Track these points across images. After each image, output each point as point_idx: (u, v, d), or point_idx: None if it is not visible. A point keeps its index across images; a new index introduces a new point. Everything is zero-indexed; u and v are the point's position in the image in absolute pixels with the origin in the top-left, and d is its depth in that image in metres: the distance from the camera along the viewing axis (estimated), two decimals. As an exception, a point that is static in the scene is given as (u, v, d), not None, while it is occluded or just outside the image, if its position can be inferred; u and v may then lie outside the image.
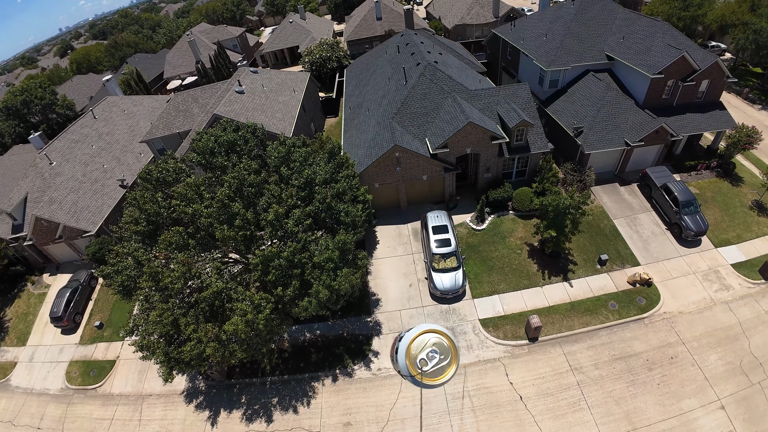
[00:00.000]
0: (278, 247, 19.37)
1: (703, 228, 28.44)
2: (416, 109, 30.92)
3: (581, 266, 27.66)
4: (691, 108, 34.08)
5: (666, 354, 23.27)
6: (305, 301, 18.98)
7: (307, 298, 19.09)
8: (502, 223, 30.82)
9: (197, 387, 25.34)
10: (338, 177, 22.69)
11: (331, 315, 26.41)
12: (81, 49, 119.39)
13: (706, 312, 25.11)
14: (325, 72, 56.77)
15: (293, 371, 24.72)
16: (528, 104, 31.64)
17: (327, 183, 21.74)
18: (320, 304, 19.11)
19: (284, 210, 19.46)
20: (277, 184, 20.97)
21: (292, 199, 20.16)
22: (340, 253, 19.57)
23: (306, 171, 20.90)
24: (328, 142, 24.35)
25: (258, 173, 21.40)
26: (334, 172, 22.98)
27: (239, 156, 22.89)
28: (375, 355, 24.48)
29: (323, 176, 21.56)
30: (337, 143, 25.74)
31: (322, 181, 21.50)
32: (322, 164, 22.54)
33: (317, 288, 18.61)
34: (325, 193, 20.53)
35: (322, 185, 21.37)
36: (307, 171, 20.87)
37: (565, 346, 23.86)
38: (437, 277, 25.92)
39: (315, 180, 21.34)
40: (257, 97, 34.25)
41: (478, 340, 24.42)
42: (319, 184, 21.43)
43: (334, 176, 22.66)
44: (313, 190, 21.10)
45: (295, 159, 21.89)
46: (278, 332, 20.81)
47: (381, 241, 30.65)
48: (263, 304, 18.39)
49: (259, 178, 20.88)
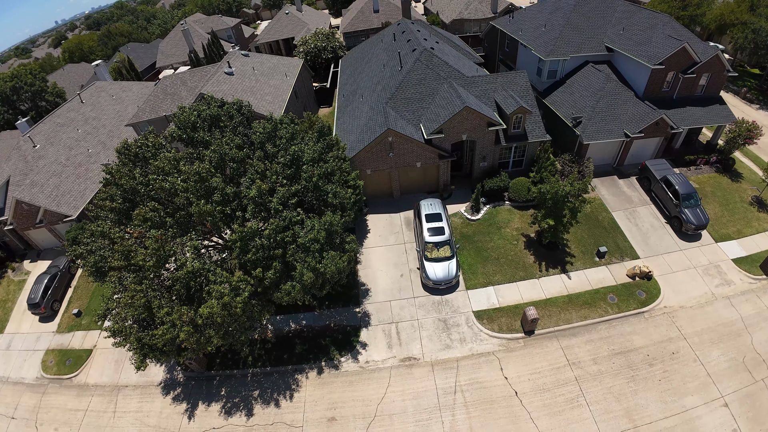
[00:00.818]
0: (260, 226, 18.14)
1: (704, 221, 27.77)
2: (411, 94, 29.85)
3: (579, 258, 26.67)
4: (691, 102, 33.64)
5: (667, 349, 22.39)
6: (288, 285, 17.79)
7: (291, 282, 17.89)
8: (498, 213, 29.76)
9: (175, 378, 24.13)
10: (327, 157, 21.49)
11: (317, 305, 25.28)
12: (74, 38, 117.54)
13: (707, 307, 24.38)
14: (320, 62, 55.69)
15: (276, 363, 23.50)
16: (526, 92, 30.69)
17: (315, 162, 20.56)
18: (304, 289, 17.92)
19: (268, 186, 18.25)
20: (261, 161, 19.77)
21: (276, 176, 18.97)
22: (327, 234, 18.39)
23: (293, 147, 19.68)
24: (317, 121, 23.12)
25: (241, 148, 20.16)
26: (323, 152, 21.77)
27: (222, 131, 21.69)
28: (363, 347, 23.28)
29: (311, 155, 20.38)
30: (327, 123, 24.57)
31: (309, 159, 20.32)
32: (310, 143, 21.35)
33: (301, 270, 17.44)
34: (312, 171, 19.35)
35: (310, 164, 20.18)
36: (294, 147, 19.67)
37: (563, 339, 22.82)
38: (430, 267, 24.79)
39: (302, 158, 20.13)
40: (247, 79, 33.03)
41: (471, 333, 23.29)
42: (307, 163, 20.24)
43: (323, 156, 21.48)
44: (300, 168, 19.90)
45: (282, 136, 20.70)
46: (259, 319, 19.59)
47: (372, 230, 29.46)
48: (241, 287, 17.20)
49: (241, 153, 19.65)
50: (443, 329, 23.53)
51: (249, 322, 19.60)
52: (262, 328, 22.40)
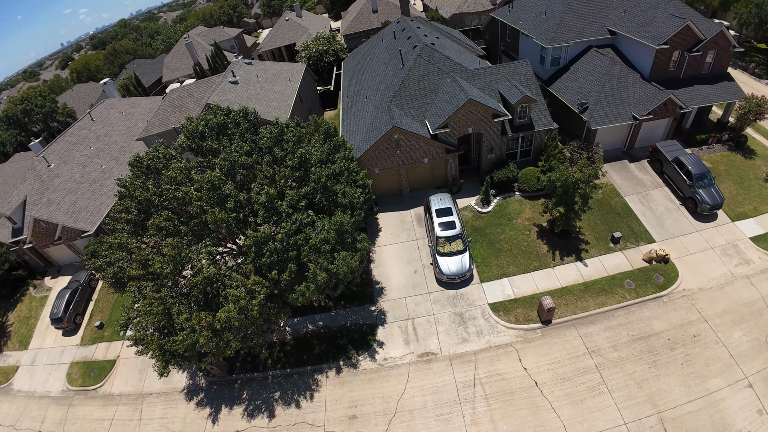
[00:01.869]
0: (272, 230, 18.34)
1: (719, 201, 27.34)
2: (414, 91, 29.87)
3: (593, 245, 26.43)
4: (699, 80, 33.15)
5: (688, 332, 22.06)
6: (303, 286, 17.97)
7: (305, 282, 18.06)
8: (509, 204, 29.63)
9: (197, 384, 24.52)
10: (334, 158, 21.63)
11: (333, 305, 25.45)
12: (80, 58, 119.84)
13: (727, 287, 23.98)
14: (323, 66, 55.91)
15: (296, 364, 23.73)
16: (530, 81, 30.51)
17: (322, 163, 20.72)
18: (318, 289, 18.07)
19: (276, 191, 18.45)
20: (270, 166, 19.98)
21: (285, 180, 19.15)
22: (337, 234, 18.51)
23: (300, 150, 19.85)
24: (323, 123, 23.28)
25: (249, 155, 20.40)
26: (330, 153, 21.93)
27: (230, 139, 21.97)
28: (380, 345, 23.37)
29: (318, 156, 20.54)
30: (332, 125, 24.73)
31: (317, 161, 20.49)
32: (317, 145, 21.52)
33: (314, 270, 17.58)
34: (320, 173, 19.49)
35: (318, 165, 20.34)
36: (301, 150, 19.84)
37: (581, 328, 22.64)
38: (443, 262, 24.80)
39: (310, 160, 20.30)
40: (252, 87, 33.36)
41: (488, 325, 23.25)
42: (314, 165, 20.40)
43: (330, 157, 21.62)
44: (308, 170, 20.06)
45: (288, 139, 20.89)
46: (275, 321, 19.82)
47: (383, 229, 29.55)
48: (257, 290, 17.41)
49: (250, 160, 19.89)
50: (459, 323, 23.52)
51: (266, 324, 19.86)
52: (279, 330, 22.60)
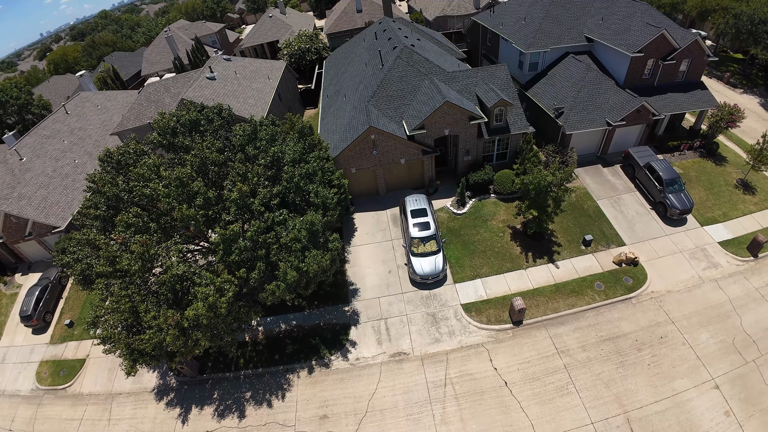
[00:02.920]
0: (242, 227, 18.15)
1: (688, 206, 27.91)
2: (393, 91, 29.93)
3: (565, 247, 26.83)
4: (673, 88, 33.75)
5: (655, 334, 22.50)
6: (273, 285, 17.81)
7: (275, 281, 17.92)
8: (484, 206, 29.91)
9: (168, 383, 24.08)
10: (308, 157, 21.51)
11: (307, 305, 25.30)
12: (58, 49, 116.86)
13: (695, 290, 24.48)
14: (305, 64, 55.59)
15: (268, 364, 23.52)
16: (507, 84, 30.83)
17: (296, 163, 20.58)
18: (289, 288, 17.94)
19: (249, 188, 18.27)
20: (243, 163, 19.76)
21: (258, 177, 18.97)
22: (309, 234, 18.42)
23: (273, 149, 19.68)
24: (299, 122, 23.13)
25: (221, 152, 20.15)
26: (304, 152, 21.79)
27: (203, 136, 21.68)
28: (352, 344, 23.33)
29: (292, 155, 20.39)
30: (308, 123, 24.60)
31: (290, 160, 20.33)
32: (291, 144, 21.37)
33: (284, 269, 17.46)
34: (293, 172, 19.35)
35: (291, 165, 20.20)
36: (274, 149, 19.66)
37: (551, 328, 22.96)
38: (416, 262, 24.88)
39: (283, 159, 20.14)
40: (229, 83, 32.96)
41: (460, 326, 23.40)
42: (288, 164, 20.25)
43: (304, 156, 21.49)
44: (281, 169, 19.90)
45: (262, 137, 20.70)
46: (246, 320, 19.59)
47: (359, 228, 29.53)
48: (226, 287, 17.20)
49: (222, 157, 19.64)
50: (432, 323, 23.63)
51: (236, 323, 19.63)
52: (251, 329, 22.36)
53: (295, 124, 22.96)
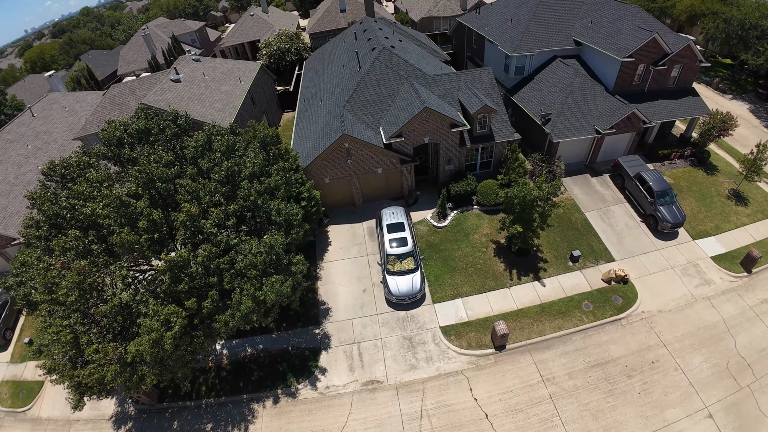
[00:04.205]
0: (192, 252, 16.17)
1: (680, 219, 26.72)
2: (370, 96, 28.13)
3: (552, 264, 25.25)
4: (663, 94, 32.69)
5: (646, 358, 21.11)
6: (227, 314, 15.90)
7: (230, 310, 16.01)
8: (466, 219, 28.18)
9: (126, 412, 22.10)
10: (270, 170, 19.52)
11: (275, 327, 23.43)
12: (36, 48, 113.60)
13: (687, 310, 23.23)
14: (284, 65, 53.61)
15: (231, 392, 21.57)
16: (491, 90, 29.21)
17: (256, 177, 18.63)
18: (245, 318, 16.04)
19: (199, 210, 16.29)
20: (194, 179, 17.77)
21: (211, 195, 17.01)
22: (269, 257, 16.52)
23: (225, 163, 17.69)
24: (261, 130, 21.17)
25: (171, 166, 18.13)
26: (266, 165, 19.80)
27: (153, 147, 19.64)
28: (322, 371, 21.45)
29: (251, 169, 18.43)
30: (273, 131, 22.67)
31: (249, 174, 18.38)
32: (251, 155, 19.39)
33: (237, 299, 15.57)
34: (249, 188, 17.38)
35: (249, 180, 18.22)
36: (227, 163, 17.67)
37: (536, 353, 21.32)
38: (392, 281, 23.07)
39: (240, 173, 18.17)
40: (196, 86, 30.85)
41: (438, 351, 21.64)
42: (247, 179, 18.29)
43: (266, 169, 19.53)
44: (237, 185, 17.93)
45: (216, 149, 18.73)
46: (202, 351, 17.65)
47: (333, 243, 27.61)
48: (173, 319, 15.26)
49: (172, 172, 17.62)
50: (408, 348, 21.84)
51: (191, 355, 17.70)
52: (207, 359, 20.35)
53: (258, 133, 21.00)
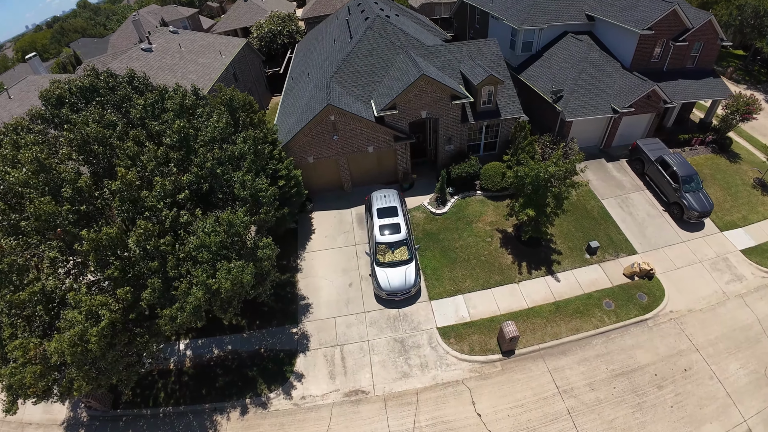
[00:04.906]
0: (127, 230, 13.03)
1: (708, 208, 23.86)
2: (360, 66, 25.00)
3: (566, 256, 22.13)
4: (684, 74, 29.99)
5: (678, 366, 18.11)
6: (174, 308, 12.79)
7: (177, 303, 12.89)
8: (468, 205, 24.97)
9: (79, 417, 19.02)
10: (236, 138, 16.30)
11: (246, 325, 20.31)
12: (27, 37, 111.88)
13: (719, 309, 20.36)
14: (276, 48, 50.63)
15: (193, 400, 18.39)
16: (497, 62, 26.12)
17: (217, 143, 15.49)
18: (195, 313, 12.92)
19: (137, 177, 13.18)
20: (140, 143, 14.64)
21: (155, 162, 13.89)
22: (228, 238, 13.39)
23: (178, 122, 14.55)
24: (227, 92, 18.03)
25: (113, 127, 14.99)
26: (231, 131, 16.56)
27: (103, 108, 16.55)
28: (298, 378, 18.27)
29: (211, 134, 15.30)
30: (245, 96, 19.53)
31: (209, 139, 15.27)
32: (214, 118, 16.22)
33: (184, 288, 12.46)
34: (205, 154, 14.25)
35: (207, 145, 15.10)
36: (179, 122, 14.53)
37: (551, 360, 18.17)
38: (382, 274, 19.89)
39: (198, 137, 15.04)
40: (169, 56, 27.71)
41: (435, 356, 18.45)
42: (206, 144, 15.17)
43: (232, 137, 16.35)
44: (193, 151, 14.78)
45: (169, 108, 15.59)
46: (146, 353, 14.53)
47: (317, 230, 24.36)
48: (101, 313, 12.12)
49: (112, 133, 14.47)
50: (400, 352, 18.63)
51: (133, 357, 14.59)
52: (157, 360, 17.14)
53: (224, 95, 17.86)
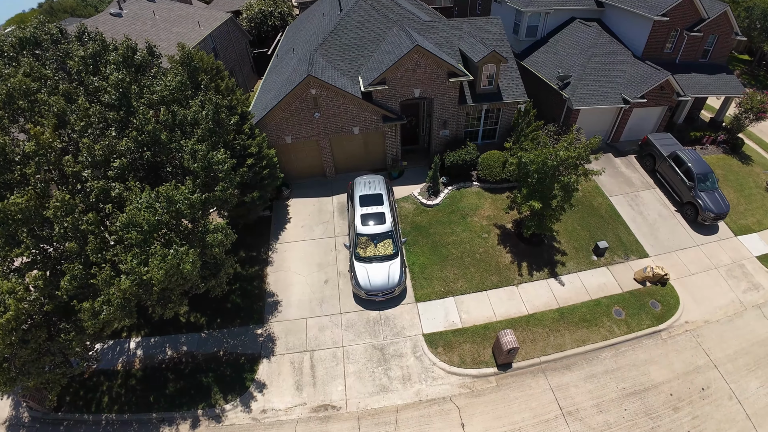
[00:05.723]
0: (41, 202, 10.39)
1: (725, 209, 21.93)
2: (349, 39, 22.46)
3: (572, 257, 19.77)
4: (696, 68, 28.15)
5: (695, 384, 15.93)
6: (99, 301, 10.18)
7: (103, 295, 10.28)
8: (463, 197, 22.46)
9: (20, 417, 16.46)
10: (193, 102, 13.61)
11: (205, 323, 17.71)
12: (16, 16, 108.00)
13: (737, 320, 18.32)
14: (266, 30, 47.98)
15: (139, 408, 15.74)
16: (500, 41, 23.72)
17: (166, 105, 12.87)
18: (124, 309, 10.33)
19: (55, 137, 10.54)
20: (69, 100, 11.99)
21: (87, 120, 11.27)
22: (169, 217, 10.80)
23: (116, 73, 11.92)
24: (186, 48, 15.35)
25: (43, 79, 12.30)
26: (187, 92, 13.90)
27: (43, 63, 13.89)
28: (260, 388, 15.67)
29: (160, 93, 12.67)
30: (210, 59, 16.90)
31: (158, 100, 12.66)
32: (170, 76, 13.58)
33: (105, 276, 9.88)
34: (147, 115, 11.63)
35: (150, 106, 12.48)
36: (117, 74, 11.91)
37: (553, 375, 15.77)
38: (362, 270, 17.31)
39: (142, 95, 12.42)
40: (140, 23, 24.96)
41: (420, 368, 15.90)
42: (152, 106, 12.56)
43: (188, 101, 13.68)
44: (132, 110, 12.12)
45: (112, 61, 12.96)
46: (70, 353, 11.91)
47: (293, 219, 21.70)
48: (7, 302, 9.53)
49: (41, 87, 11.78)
50: (379, 362, 16.05)
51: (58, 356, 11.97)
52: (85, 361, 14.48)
53: (183, 50, 15.16)
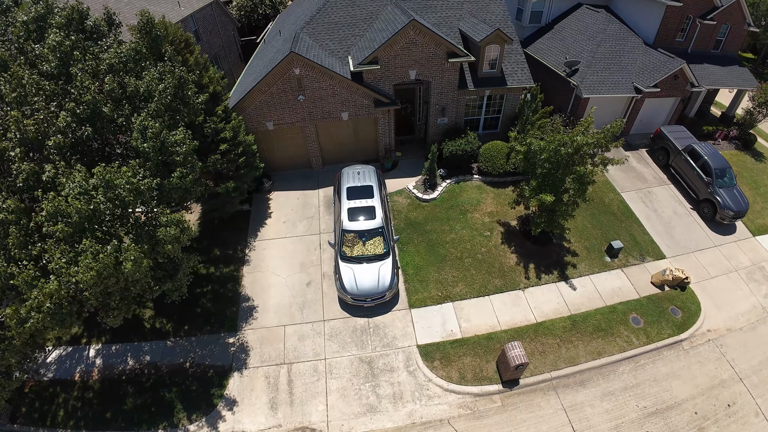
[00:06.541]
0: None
1: (744, 207, 20.45)
2: (339, 17, 20.49)
3: (583, 258, 17.90)
4: (708, 59, 26.73)
5: (720, 400, 14.31)
6: (26, 306, 8.19)
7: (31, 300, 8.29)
8: (463, 191, 20.44)
9: None
10: (149, 74, 11.53)
11: (172, 330, 15.73)
12: None
13: (760, 327, 16.75)
14: (257, 19, 46.15)
15: (95, 424, 13.70)
16: (504, 22, 21.79)
17: (115, 74, 10.85)
18: (55, 316, 8.33)
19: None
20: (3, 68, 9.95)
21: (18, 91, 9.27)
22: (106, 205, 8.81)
23: (53, 36, 9.92)
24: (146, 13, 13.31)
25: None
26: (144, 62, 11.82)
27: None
28: (229, 406, 13.65)
29: (108, 61, 10.66)
30: (177, 28, 14.90)
31: (106, 69, 10.66)
32: (123, 47, 11.56)
33: (27, 277, 7.91)
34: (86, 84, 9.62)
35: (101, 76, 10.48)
36: (54, 36, 9.90)
37: (566, 393, 13.88)
38: (348, 271, 15.31)
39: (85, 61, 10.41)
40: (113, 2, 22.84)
41: (414, 384, 13.93)
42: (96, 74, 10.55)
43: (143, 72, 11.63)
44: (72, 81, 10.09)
45: (55, 24, 10.89)
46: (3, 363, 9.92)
47: (275, 214, 19.63)
48: None
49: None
50: (366, 377, 14.04)
51: None
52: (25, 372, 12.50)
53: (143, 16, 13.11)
